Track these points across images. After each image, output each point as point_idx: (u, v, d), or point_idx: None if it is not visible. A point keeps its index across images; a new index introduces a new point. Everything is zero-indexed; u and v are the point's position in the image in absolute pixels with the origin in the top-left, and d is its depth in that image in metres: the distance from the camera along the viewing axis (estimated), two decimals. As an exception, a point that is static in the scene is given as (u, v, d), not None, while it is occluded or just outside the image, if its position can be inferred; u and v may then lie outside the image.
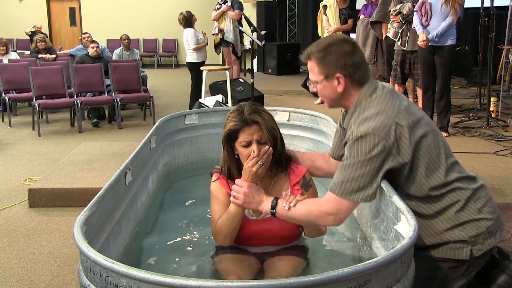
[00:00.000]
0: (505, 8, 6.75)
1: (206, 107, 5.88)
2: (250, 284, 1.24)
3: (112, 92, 6.81)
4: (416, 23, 5.33)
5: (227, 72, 7.04)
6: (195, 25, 7.42)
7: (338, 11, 7.49)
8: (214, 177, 2.16)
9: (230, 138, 2.05)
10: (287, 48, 12.18)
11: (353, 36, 7.28)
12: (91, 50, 7.20)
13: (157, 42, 14.67)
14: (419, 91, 5.95)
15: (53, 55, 8.28)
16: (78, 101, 6.37)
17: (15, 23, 13.55)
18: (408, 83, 6.37)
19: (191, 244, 2.35)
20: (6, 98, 6.71)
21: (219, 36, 7.98)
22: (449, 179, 1.82)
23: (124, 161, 2.31)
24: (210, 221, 2.13)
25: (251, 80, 5.71)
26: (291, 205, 1.85)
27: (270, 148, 2.00)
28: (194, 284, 1.24)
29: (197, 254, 2.22)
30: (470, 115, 6.31)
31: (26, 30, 10.93)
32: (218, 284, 1.24)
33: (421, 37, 5.21)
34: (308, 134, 3.43)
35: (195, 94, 7.18)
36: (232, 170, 2.10)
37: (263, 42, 6.29)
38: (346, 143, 1.83)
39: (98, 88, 6.78)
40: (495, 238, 1.84)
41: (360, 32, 7.10)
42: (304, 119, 3.46)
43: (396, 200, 1.74)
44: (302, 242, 2.19)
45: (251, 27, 5.64)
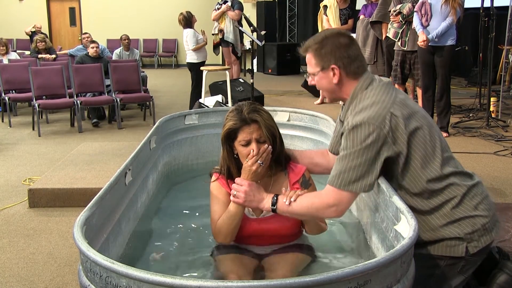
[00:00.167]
0: (505, 8, 6.75)
1: (206, 107, 5.88)
2: (250, 284, 1.24)
3: (112, 92, 6.81)
4: (416, 24, 5.33)
5: (227, 72, 7.05)
6: (195, 26, 7.42)
7: (339, 11, 7.49)
8: (214, 177, 2.16)
9: (230, 138, 2.05)
10: (287, 48, 12.18)
11: (353, 36, 7.27)
12: (91, 50, 7.20)
13: (157, 42, 14.68)
14: (419, 91, 5.95)
15: (53, 55, 8.29)
16: (78, 101, 6.37)
17: (15, 23, 13.55)
18: (408, 83, 6.37)
19: (191, 244, 2.35)
20: (6, 98, 6.71)
21: (219, 36, 7.98)
22: (445, 172, 1.83)
23: (124, 161, 2.31)
24: (210, 221, 2.13)
25: (251, 80, 5.71)
26: (292, 200, 1.86)
27: (270, 147, 2.00)
28: (194, 284, 1.24)
29: (197, 254, 2.23)
30: (470, 115, 6.31)
31: (26, 30, 10.94)
32: (218, 284, 1.24)
33: (421, 37, 5.21)
34: (308, 134, 3.43)
35: (195, 94, 7.19)
36: (232, 170, 2.10)
37: (263, 42, 6.28)
38: (343, 135, 1.86)
39: (98, 88, 6.78)
40: (491, 236, 1.85)
41: (360, 32, 7.10)
42: (304, 119, 3.46)
43: (396, 200, 1.75)
44: (303, 241, 2.19)
45: (251, 27, 5.64)
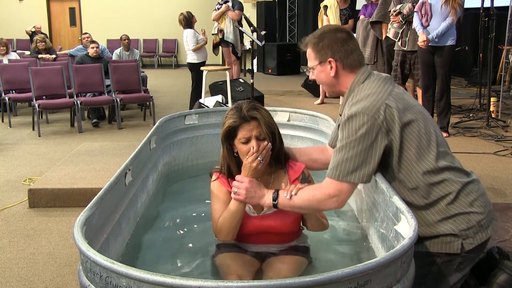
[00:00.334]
0: (505, 8, 6.75)
1: (206, 108, 5.88)
2: (250, 284, 1.24)
3: (112, 92, 6.81)
4: (416, 24, 5.33)
5: (227, 73, 7.04)
6: (195, 26, 7.42)
7: (339, 12, 7.49)
8: (214, 177, 2.16)
9: (229, 136, 2.06)
10: (287, 48, 12.17)
11: (352, 33, 7.26)
12: (91, 51, 7.20)
13: (157, 43, 14.68)
14: (419, 91, 5.95)
15: (53, 55, 8.29)
16: (78, 101, 6.37)
17: (15, 23, 13.55)
18: (408, 83, 6.37)
19: (191, 244, 2.35)
20: (6, 98, 6.71)
21: (219, 36, 7.98)
22: (440, 165, 1.84)
23: (124, 161, 2.31)
24: (211, 220, 2.13)
25: (251, 80, 5.71)
26: (293, 193, 1.88)
27: (269, 144, 2.01)
28: (194, 284, 1.24)
29: (197, 254, 2.23)
30: (470, 116, 6.31)
31: (27, 29, 10.94)
32: (218, 284, 1.24)
33: (422, 38, 5.21)
34: (308, 135, 3.43)
35: (195, 95, 7.18)
36: (232, 168, 2.11)
37: (263, 43, 6.28)
38: (339, 126, 1.89)
39: (98, 88, 6.78)
40: (487, 233, 1.85)
41: (360, 33, 7.10)
42: (304, 120, 3.47)
43: (396, 200, 1.75)
44: (303, 242, 2.19)
45: (251, 27, 5.64)
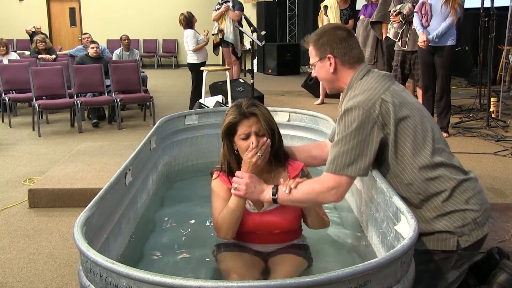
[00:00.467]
0: (505, 9, 6.74)
1: (206, 108, 5.88)
2: (250, 285, 1.24)
3: (112, 93, 6.81)
4: (416, 24, 5.33)
5: (227, 73, 7.05)
6: (196, 26, 7.42)
7: (339, 12, 7.49)
8: (215, 175, 2.19)
9: (230, 133, 2.08)
10: (287, 49, 12.17)
11: (353, 31, 7.26)
12: (91, 51, 7.20)
13: (157, 43, 14.68)
14: (419, 92, 5.95)
15: (53, 56, 8.28)
16: (78, 102, 6.37)
17: (15, 23, 13.55)
18: (408, 83, 6.37)
19: (192, 244, 2.35)
20: (6, 99, 6.71)
21: (219, 37, 7.98)
22: (435, 161, 1.86)
23: (124, 162, 2.31)
24: (212, 218, 2.13)
25: (251, 81, 5.71)
26: (292, 187, 1.90)
27: (269, 140, 2.03)
28: (194, 285, 1.24)
29: (198, 254, 2.23)
30: (470, 116, 6.30)
31: (27, 29, 10.94)
32: (218, 284, 1.24)
33: (422, 38, 5.21)
34: (308, 135, 3.44)
35: (195, 95, 7.18)
36: (232, 166, 2.13)
37: (263, 43, 6.28)
38: (336, 121, 1.92)
39: (98, 89, 6.78)
40: (483, 230, 1.87)
41: (360, 33, 7.10)
42: (304, 120, 3.47)
43: (396, 200, 1.75)
44: (303, 241, 2.19)
45: (251, 28, 5.64)
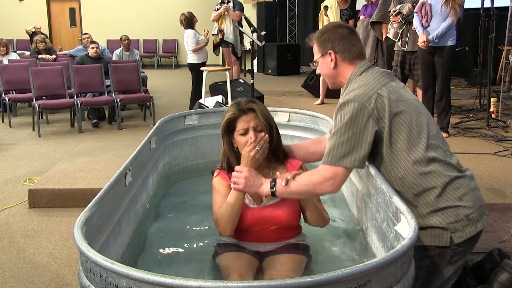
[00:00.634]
0: (505, 9, 6.75)
1: (206, 108, 5.88)
2: (250, 285, 1.24)
3: (112, 93, 6.81)
4: (416, 24, 5.33)
5: (227, 73, 7.05)
6: (196, 26, 7.42)
7: (339, 12, 7.49)
8: (216, 173, 2.23)
9: (229, 129, 2.14)
10: (287, 49, 12.17)
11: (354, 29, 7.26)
12: (91, 51, 7.19)
13: (157, 43, 14.67)
14: (419, 92, 5.95)
15: (53, 56, 8.28)
16: (78, 102, 6.37)
17: (15, 24, 13.54)
18: (408, 84, 6.37)
19: (192, 244, 2.35)
20: (6, 99, 6.71)
21: (219, 37, 7.97)
22: (429, 156, 1.88)
23: (124, 162, 2.32)
24: (212, 213, 2.16)
25: (251, 81, 5.71)
26: (289, 178, 1.93)
27: (267, 135, 2.08)
28: (194, 285, 1.24)
29: (197, 254, 2.23)
30: (470, 116, 6.30)
31: (27, 29, 10.94)
32: (218, 284, 1.24)
33: (422, 38, 5.21)
34: (308, 135, 3.43)
35: (195, 95, 7.18)
36: (232, 162, 2.17)
37: (263, 43, 6.27)
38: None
39: (98, 89, 6.78)
40: (476, 227, 1.87)
41: (360, 33, 7.09)
42: (304, 120, 3.47)
43: (396, 201, 1.75)
44: (303, 241, 2.20)
45: (251, 28, 5.64)
